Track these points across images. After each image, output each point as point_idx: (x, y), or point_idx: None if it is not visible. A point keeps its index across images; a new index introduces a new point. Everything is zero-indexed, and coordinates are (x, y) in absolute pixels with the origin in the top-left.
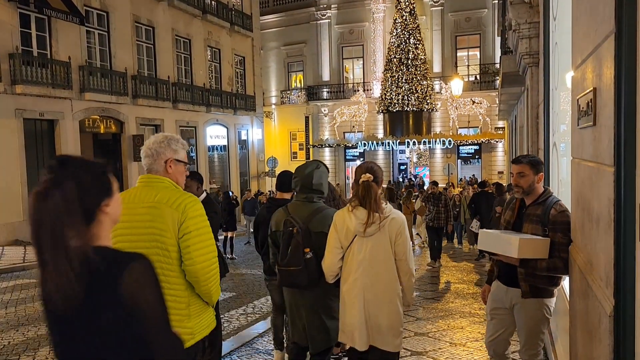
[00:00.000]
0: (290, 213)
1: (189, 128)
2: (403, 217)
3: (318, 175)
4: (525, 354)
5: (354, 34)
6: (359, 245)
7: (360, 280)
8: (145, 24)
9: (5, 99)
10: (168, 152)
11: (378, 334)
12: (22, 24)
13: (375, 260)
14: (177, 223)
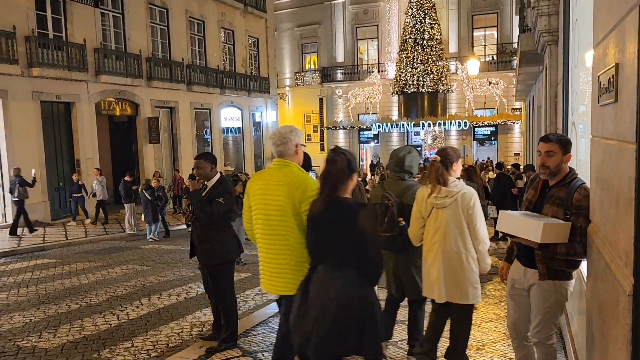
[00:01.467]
0: (386, 189)
1: (204, 110)
2: (473, 192)
3: (410, 158)
4: (536, 336)
5: (368, 14)
6: (436, 216)
7: (438, 245)
8: (159, 5)
9: (22, 81)
10: (295, 139)
11: (454, 290)
12: (37, 7)
13: (449, 228)
14: (298, 200)
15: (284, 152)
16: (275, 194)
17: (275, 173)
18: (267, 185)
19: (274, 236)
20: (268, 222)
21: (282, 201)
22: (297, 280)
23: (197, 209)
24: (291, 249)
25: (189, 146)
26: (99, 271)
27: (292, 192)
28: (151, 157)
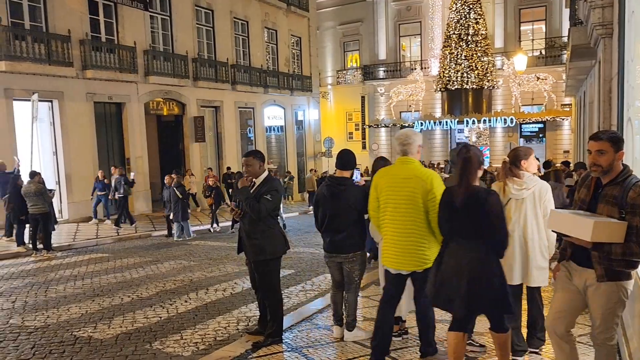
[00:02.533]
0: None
1: (247, 109)
2: (546, 186)
3: None
4: (599, 337)
5: (411, 10)
6: (514, 207)
7: (515, 232)
8: (205, 7)
9: (77, 83)
10: (418, 140)
11: (526, 274)
12: (90, 11)
13: (527, 217)
14: (425, 190)
15: (408, 151)
16: (404, 186)
17: (401, 168)
18: (394, 179)
19: (403, 221)
20: (397, 210)
21: (411, 191)
22: (420, 258)
23: (245, 206)
24: (417, 230)
25: (233, 144)
26: (149, 266)
27: (420, 183)
28: (197, 155)
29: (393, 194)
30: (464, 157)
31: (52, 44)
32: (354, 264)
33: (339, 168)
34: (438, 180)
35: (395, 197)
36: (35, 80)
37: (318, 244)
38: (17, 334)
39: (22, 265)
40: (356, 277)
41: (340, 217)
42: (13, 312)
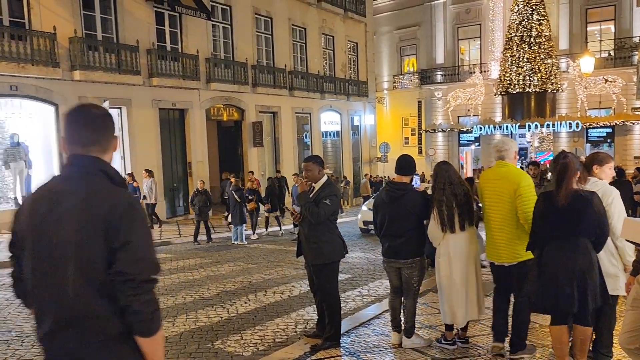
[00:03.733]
0: None
1: (304, 114)
2: (612, 190)
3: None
4: None
5: (470, 13)
6: None
7: None
8: (264, 15)
9: (144, 90)
10: (515, 148)
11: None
12: (157, 22)
13: None
14: (513, 189)
15: (505, 156)
16: (495, 186)
17: (497, 171)
18: (490, 181)
19: (496, 218)
20: (491, 207)
21: (501, 191)
22: (513, 252)
23: (304, 210)
24: (508, 227)
25: (290, 149)
26: (209, 267)
27: (509, 184)
28: (255, 160)
29: (489, 193)
30: (562, 163)
31: (122, 53)
32: (413, 270)
33: (398, 173)
34: (527, 181)
35: (490, 195)
36: (106, 89)
37: (374, 249)
38: None
39: None
40: (415, 283)
41: (399, 222)
42: None
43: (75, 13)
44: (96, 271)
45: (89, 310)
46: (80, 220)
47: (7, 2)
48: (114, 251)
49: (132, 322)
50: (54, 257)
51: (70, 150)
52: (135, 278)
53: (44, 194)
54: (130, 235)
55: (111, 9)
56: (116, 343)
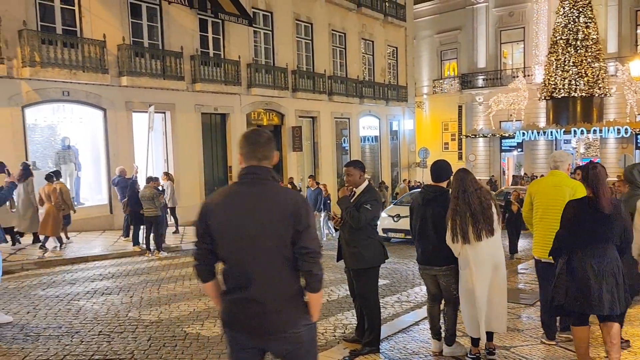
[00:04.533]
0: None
1: (343, 119)
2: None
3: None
4: None
5: (514, 16)
6: None
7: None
8: (305, 20)
9: (186, 95)
10: (569, 160)
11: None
12: (200, 29)
13: None
14: (571, 195)
15: (559, 167)
16: (553, 192)
17: (552, 179)
18: (546, 187)
19: (550, 220)
20: (547, 211)
21: (559, 196)
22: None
23: (345, 215)
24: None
25: (329, 154)
26: None
27: (567, 190)
28: (294, 164)
29: (544, 199)
30: (593, 172)
31: (167, 60)
32: (450, 278)
33: (433, 180)
34: (581, 189)
35: (546, 201)
36: (151, 94)
37: (412, 255)
38: (135, 326)
39: (137, 264)
40: (454, 291)
41: (432, 227)
42: (131, 306)
43: (124, 21)
44: (285, 247)
45: (280, 275)
46: (274, 212)
47: (61, 11)
48: (298, 233)
49: (310, 281)
50: (254, 238)
51: (247, 163)
52: (314, 250)
53: (233, 194)
54: (309, 221)
55: (157, 17)
56: (296, 297)
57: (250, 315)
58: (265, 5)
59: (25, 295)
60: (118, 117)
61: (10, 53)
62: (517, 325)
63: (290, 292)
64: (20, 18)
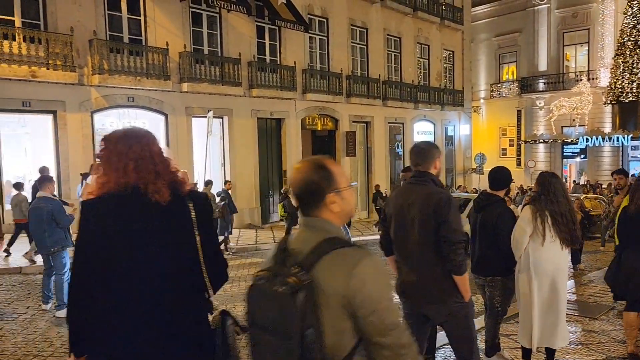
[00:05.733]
0: None
1: (397, 124)
2: None
3: None
4: None
5: (577, 17)
6: None
7: None
8: (360, 26)
9: (244, 101)
10: None
11: None
12: (258, 35)
13: None
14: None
15: None
16: None
17: None
18: None
19: None
20: None
21: None
22: None
23: None
24: None
25: (382, 159)
26: None
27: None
28: (347, 169)
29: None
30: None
31: (225, 66)
32: (494, 290)
33: (491, 188)
34: None
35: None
36: (210, 99)
37: None
38: None
39: None
40: (497, 304)
41: (478, 235)
42: None
43: (186, 29)
44: (430, 234)
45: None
46: (423, 206)
47: (128, 21)
48: (439, 224)
49: (450, 266)
50: (408, 226)
51: (414, 167)
52: (452, 240)
53: (403, 191)
54: (448, 216)
55: (217, 25)
56: (443, 276)
57: (409, 285)
58: (321, 11)
59: None
60: (178, 122)
61: (82, 61)
62: (580, 339)
63: (436, 270)
64: (90, 28)
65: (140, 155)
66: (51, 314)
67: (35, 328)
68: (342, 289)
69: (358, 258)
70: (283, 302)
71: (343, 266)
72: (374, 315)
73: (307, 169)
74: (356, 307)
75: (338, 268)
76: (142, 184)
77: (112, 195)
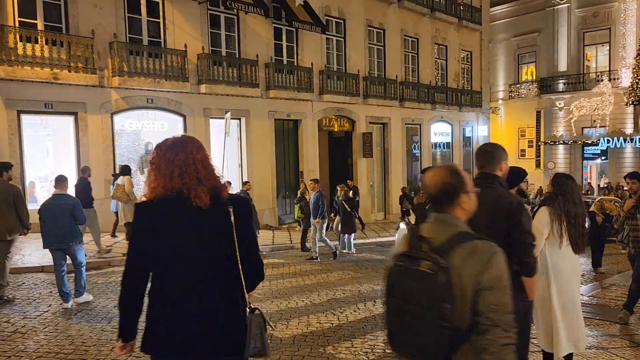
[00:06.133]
0: None
1: (414, 125)
2: None
3: None
4: None
5: (598, 17)
6: None
7: None
8: (377, 27)
9: (261, 102)
10: None
11: None
12: (275, 37)
13: None
14: None
15: None
16: None
17: None
18: None
19: None
20: None
21: None
22: None
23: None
24: None
25: (399, 160)
26: (319, 274)
27: None
28: (364, 170)
29: None
30: None
31: (243, 67)
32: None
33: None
34: None
35: None
36: (227, 101)
37: None
38: None
39: None
40: None
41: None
42: None
43: (204, 31)
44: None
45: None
46: (493, 210)
47: (147, 23)
48: (510, 226)
49: (523, 268)
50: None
51: (479, 170)
52: (524, 243)
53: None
54: (520, 219)
55: (235, 27)
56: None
57: None
58: (338, 12)
59: (112, 290)
60: (196, 123)
61: (102, 64)
62: (601, 343)
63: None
64: (111, 31)
65: (184, 162)
66: (72, 312)
67: (57, 326)
68: (477, 274)
69: (492, 250)
70: (426, 279)
71: (480, 255)
72: (492, 295)
73: (444, 174)
74: (483, 288)
75: (475, 256)
76: (186, 189)
77: (160, 199)
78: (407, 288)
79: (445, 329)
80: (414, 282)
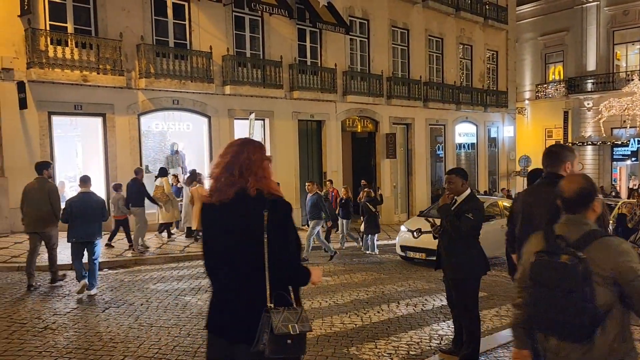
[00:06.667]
0: None
1: (438, 126)
2: None
3: None
4: None
5: (629, 15)
6: None
7: None
8: (401, 27)
9: (285, 103)
10: None
11: None
12: (299, 38)
13: None
14: None
15: None
16: None
17: None
18: None
19: None
20: None
21: None
22: None
23: (445, 223)
24: None
25: (423, 161)
26: (343, 275)
27: None
28: (387, 171)
29: None
30: None
31: (267, 69)
32: None
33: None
34: None
35: None
36: (251, 102)
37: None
38: None
39: None
40: None
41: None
42: None
43: (229, 33)
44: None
45: None
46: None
47: (173, 26)
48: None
49: None
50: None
51: (545, 169)
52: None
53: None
54: None
55: (259, 28)
56: None
57: None
58: (362, 13)
59: (139, 288)
60: (221, 124)
61: (129, 65)
62: None
63: None
64: (138, 33)
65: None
66: (100, 309)
67: (86, 323)
68: (613, 264)
69: (622, 245)
70: (568, 269)
71: (612, 249)
72: (637, 281)
73: (581, 181)
74: (621, 276)
75: (610, 250)
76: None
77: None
78: (551, 277)
79: (586, 308)
80: (556, 272)
